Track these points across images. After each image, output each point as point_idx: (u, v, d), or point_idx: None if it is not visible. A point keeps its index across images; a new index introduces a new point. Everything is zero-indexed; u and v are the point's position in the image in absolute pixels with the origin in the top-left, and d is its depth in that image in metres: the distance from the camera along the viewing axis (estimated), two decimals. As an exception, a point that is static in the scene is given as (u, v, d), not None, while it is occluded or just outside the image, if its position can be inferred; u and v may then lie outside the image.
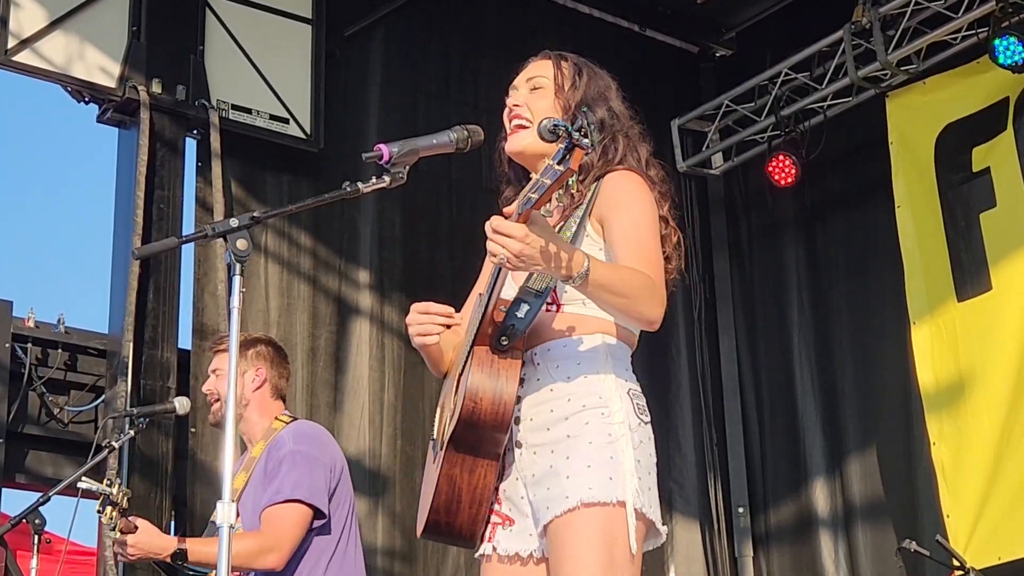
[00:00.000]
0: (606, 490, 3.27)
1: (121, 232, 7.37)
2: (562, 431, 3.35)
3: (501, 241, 3.07)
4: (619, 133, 3.57)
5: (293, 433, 5.15)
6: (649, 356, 8.91)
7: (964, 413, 7.85)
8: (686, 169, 9.51)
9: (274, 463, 5.03)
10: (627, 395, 3.41)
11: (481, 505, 3.39)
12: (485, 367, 3.29)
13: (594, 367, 3.41)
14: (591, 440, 3.32)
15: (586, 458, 3.30)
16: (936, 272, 8.15)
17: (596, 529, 3.25)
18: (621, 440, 3.33)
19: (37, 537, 5.46)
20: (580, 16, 9.35)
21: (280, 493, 4.95)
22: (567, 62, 3.64)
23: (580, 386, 3.38)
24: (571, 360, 3.41)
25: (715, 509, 9.07)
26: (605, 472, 3.29)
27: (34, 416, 7.20)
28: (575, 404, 3.37)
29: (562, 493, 3.29)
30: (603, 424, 3.34)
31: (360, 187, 3.43)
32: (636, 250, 3.35)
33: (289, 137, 7.88)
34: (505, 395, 3.28)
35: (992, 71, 7.88)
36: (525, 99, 3.59)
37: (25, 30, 7.17)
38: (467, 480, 3.36)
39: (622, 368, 3.46)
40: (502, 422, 3.29)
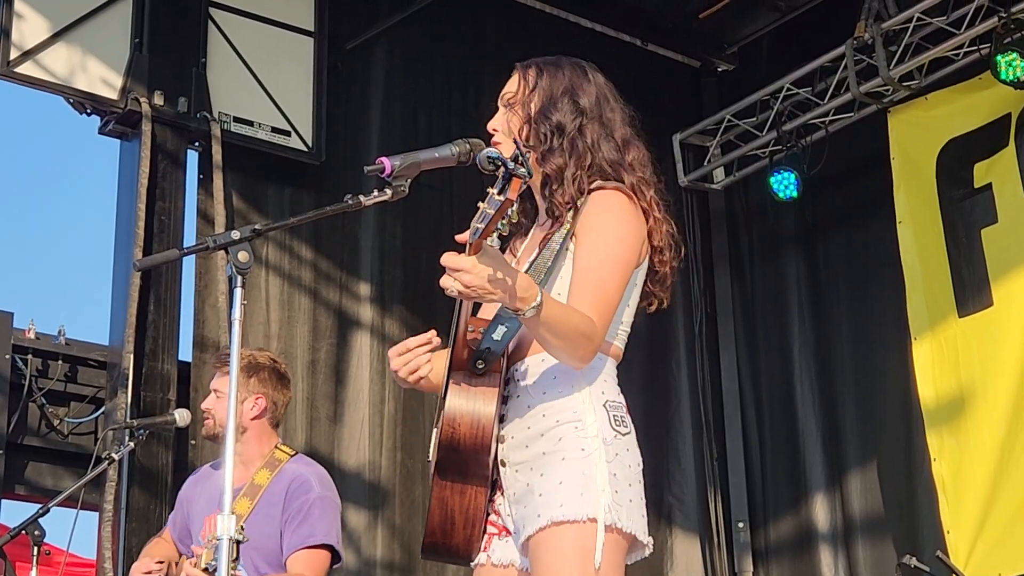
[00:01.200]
0: (576, 507, 3.26)
1: (122, 244, 7.37)
2: (538, 448, 3.35)
3: (452, 274, 3.08)
4: (587, 126, 3.52)
5: (316, 477, 5.21)
6: (650, 370, 8.92)
7: (965, 429, 7.85)
8: (687, 183, 9.51)
9: (301, 505, 5.09)
10: (603, 407, 3.38)
11: (475, 525, 3.40)
12: (462, 392, 3.30)
13: (568, 381, 3.39)
14: (564, 456, 3.32)
15: (559, 475, 3.30)
16: (937, 288, 8.15)
17: (567, 547, 3.25)
18: (595, 454, 3.31)
19: (36, 548, 5.45)
20: (582, 30, 9.35)
21: (314, 537, 5.05)
22: (531, 69, 3.59)
23: (555, 401, 3.38)
24: (547, 375, 3.40)
25: (715, 524, 9.06)
26: (576, 488, 3.28)
27: (34, 427, 7.20)
28: (550, 420, 3.36)
29: (535, 512, 3.30)
30: (576, 439, 3.33)
31: (362, 200, 3.43)
32: (592, 294, 3.31)
33: (291, 150, 7.88)
34: (483, 418, 3.29)
35: (994, 87, 7.88)
36: (499, 120, 3.58)
37: (27, 41, 7.18)
38: (458, 502, 3.38)
39: (599, 380, 3.42)
40: (482, 445, 3.30)
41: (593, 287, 3.32)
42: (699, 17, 9.51)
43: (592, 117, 3.53)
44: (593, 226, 3.39)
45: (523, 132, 3.53)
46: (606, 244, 3.38)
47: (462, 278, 3.07)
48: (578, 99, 3.54)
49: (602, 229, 3.38)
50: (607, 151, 3.51)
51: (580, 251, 3.38)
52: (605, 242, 3.38)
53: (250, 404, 5.25)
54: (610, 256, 3.37)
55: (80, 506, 5.79)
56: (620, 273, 3.39)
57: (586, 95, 3.56)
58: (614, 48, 9.47)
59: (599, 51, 9.27)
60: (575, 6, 9.29)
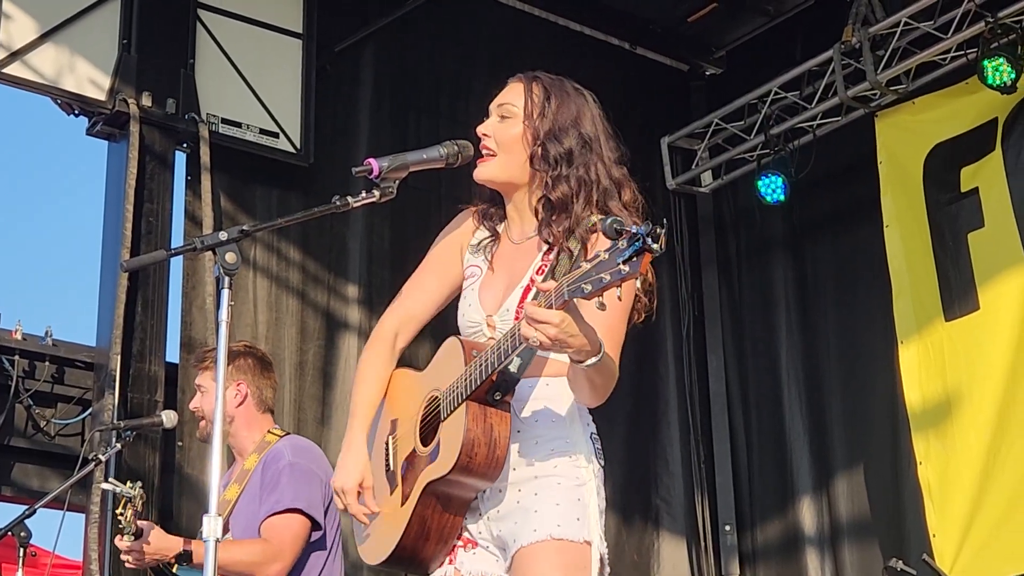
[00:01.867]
0: (573, 529, 3.33)
1: (110, 245, 7.36)
2: (529, 472, 3.39)
3: (539, 328, 3.06)
4: (591, 160, 3.52)
5: (291, 447, 5.16)
6: (638, 374, 8.93)
7: (951, 433, 7.86)
8: (675, 187, 9.52)
9: (272, 474, 5.05)
10: (590, 439, 3.46)
11: (447, 542, 3.45)
12: (480, 422, 3.31)
13: (560, 410, 3.43)
14: (560, 481, 3.37)
15: (555, 497, 3.35)
16: (924, 291, 8.16)
17: (562, 560, 3.30)
18: (588, 484, 3.39)
19: (23, 550, 5.45)
20: (571, 33, 9.36)
21: (280, 503, 4.98)
22: (538, 86, 3.59)
23: (547, 429, 3.42)
24: (538, 402, 3.43)
25: (702, 527, 9.07)
26: (573, 513, 3.34)
27: (21, 428, 7.19)
28: (543, 448, 3.40)
29: (530, 526, 3.33)
30: (572, 467, 3.39)
31: (350, 201, 3.44)
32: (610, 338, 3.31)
33: (279, 151, 7.88)
34: (499, 451, 3.31)
35: (981, 91, 7.90)
36: (493, 128, 3.56)
37: (15, 42, 7.17)
38: (438, 520, 3.42)
39: (585, 411, 3.49)
40: (492, 476, 3.33)
41: (610, 338, 3.32)
42: (687, 21, 9.52)
43: (595, 151, 3.54)
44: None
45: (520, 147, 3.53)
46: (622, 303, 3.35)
47: (547, 332, 3.06)
48: (583, 131, 3.55)
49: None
50: (607, 190, 3.52)
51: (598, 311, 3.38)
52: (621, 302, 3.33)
53: (232, 392, 5.24)
54: (622, 307, 3.39)
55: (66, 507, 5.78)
56: (624, 320, 3.43)
57: (589, 127, 3.57)
58: (603, 51, 9.48)
59: (588, 54, 9.30)
60: (564, 9, 9.30)
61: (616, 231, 2.94)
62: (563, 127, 3.53)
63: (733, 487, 9.14)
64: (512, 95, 3.59)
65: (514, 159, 3.53)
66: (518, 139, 3.53)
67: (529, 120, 3.53)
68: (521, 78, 3.63)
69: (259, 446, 5.22)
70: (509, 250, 3.59)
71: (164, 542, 4.93)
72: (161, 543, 4.92)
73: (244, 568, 4.88)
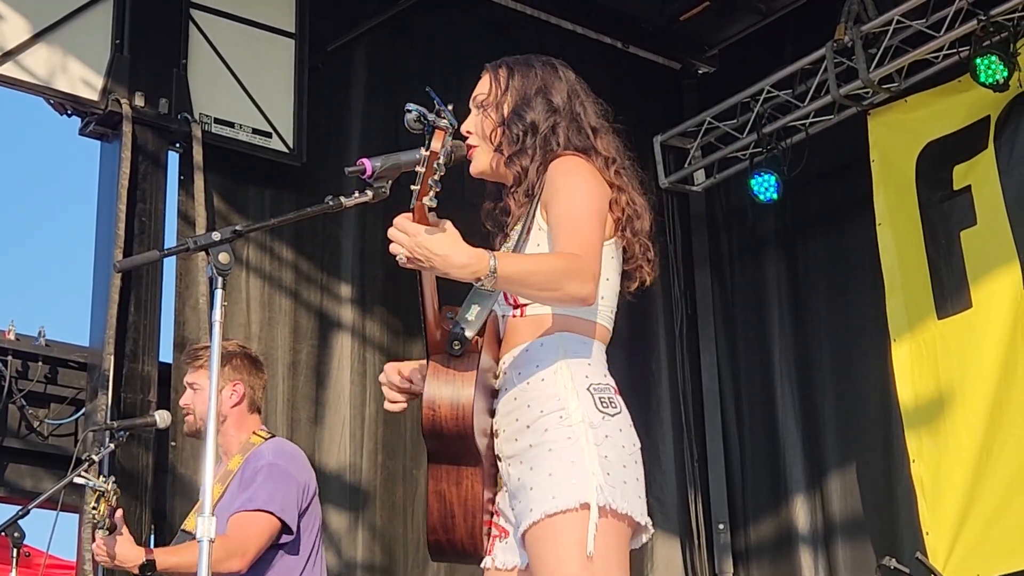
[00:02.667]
0: (569, 496, 3.24)
1: (103, 245, 7.36)
2: (526, 441, 3.34)
3: (396, 238, 3.10)
4: (561, 122, 3.52)
5: (273, 448, 5.14)
6: (629, 371, 8.93)
7: (944, 430, 7.87)
8: (668, 185, 9.52)
9: (251, 472, 5.02)
10: (586, 391, 3.35)
11: (475, 516, 3.35)
12: (440, 375, 3.28)
13: (550, 368, 3.38)
14: (550, 447, 3.30)
15: (547, 466, 3.28)
16: (916, 290, 8.17)
17: (564, 539, 3.22)
18: (581, 440, 3.29)
19: (16, 550, 5.44)
20: (563, 32, 9.37)
21: (252, 502, 4.94)
22: (502, 69, 3.61)
23: (538, 390, 3.36)
24: (529, 364, 3.39)
25: (695, 525, 9.08)
26: (566, 478, 3.26)
27: (14, 429, 7.18)
28: (534, 410, 3.35)
29: (527, 506, 3.28)
30: (561, 428, 3.31)
31: (343, 201, 3.44)
32: (567, 231, 3.30)
33: (272, 151, 7.88)
34: (462, 399, 3.26)
35: (973, 89, 7.91)
36: (473, 122, 3.59)
37: (8, 42, 7.17)
38: (455, 493, 3.34)
39: (583, 363, 3.40)
40: (463, 426, 3.26)
41: (569, 231, 3.31)
42: (680, 19, 9.53)
43: (564, 115, 3.53)
44: (556, 188, 3.39)
45: (496, 134, 3.55)
46: (574, 196, 3.37)
47: (404, 242, 3.09)
48: (551, 97, 3.55)
49: (566, 187, 3.38)
50: (576, 140, 3.52)
51: (551, 215, 3.38)
52: (570, 197, 3.37)
53: (228, 392, 5.22)
54: (578, 204, 3.36)
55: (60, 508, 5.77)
56: (594, 216, 3.37)
57: (558, 93, 3.56)
58: (595, 50, 9.48)
59: (580, 53, 9.29)
60: (556, 8, 9.31)
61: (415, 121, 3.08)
62: (528, 99, 3.54)
63: (726, 485, 9.15)
64: (481, 85, 3.63)
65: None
66: (492, 124, 3.57)
67: (496, 104, 3.56)
68: (486, 67, 3.66)
69: (244, 447, 5.19)
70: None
71: (127, 550, 4.90)
72: (123, 551, 4.89)
73: None
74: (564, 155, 3.47)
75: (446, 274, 3.14)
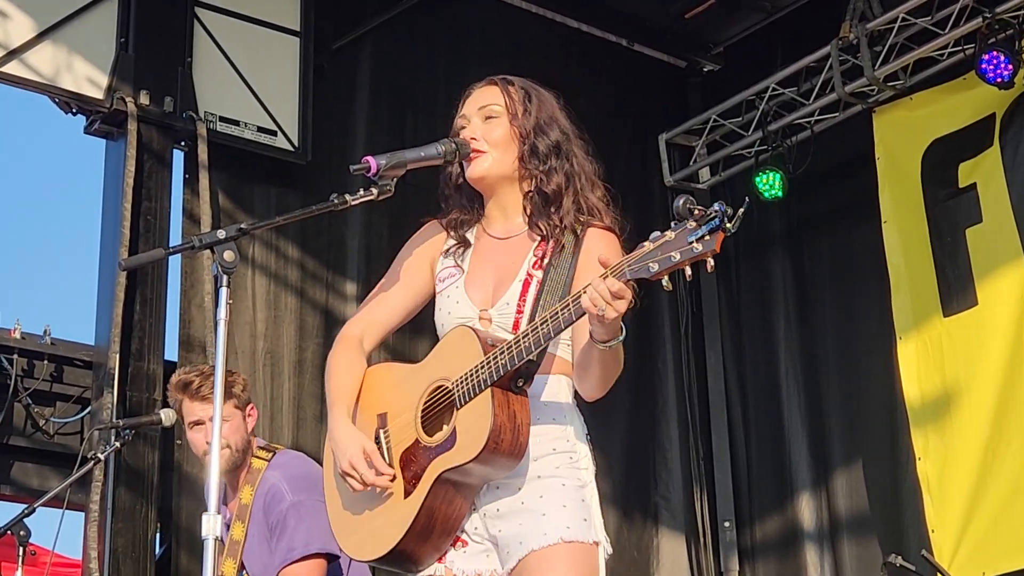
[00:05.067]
0: (582, 530, 3.37)
1: (108, 243, 7.36)
2: (532, 471, 3.41)
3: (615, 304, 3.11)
4: (573, 152, 3.61)
5: (286, 479, 5.10)
6: (636, 370, 8.93)
7: (949, 428, 7.86)
8: (673, 183, 9.52)
9: (277, 518, 5.00)
10: (586, 440, 3.51)
11: (449, 535, 3.44)
12: (505, 408, 3.31)
13: (560, 410, 3.48)
14: (564, 483, 3.41)
15: (561, 499, 3.38)
16: (922, 287, 8.16)
17: (577, 563, 3.34)
18: (589, 486, 3.45)
19: (22, 549, 5.45)
20: (568, 30, 9.36)
21: (294, 551, 4.94)
22: (514, 87, 3.66)
23: (547, 429, 3.44)
24: (536, 401, 3.43)
25: (701, 523, 9.07)
26: (579, 514, 3.39)
27: (20, 427, 7.19)
28: (544, 446, 3.43)
29: (539, 530, 3.35)
30: (573, 469, 3.44)
31: (348, 199, 3.44)
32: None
33: (277, 149, 7.87)
34: (522, 438, 3.33)
35: (978, 87, 7.90)
36: (481, 129, 3.60)
37: (13, 41, 7.17)
38: (444, 511, 3.41)
39: (578, 412, 3.54)
40: (514, 463, 3.34)
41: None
42: (685, 17, 9.51)
43: (574, 143, 3.64)
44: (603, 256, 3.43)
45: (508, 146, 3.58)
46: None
47: (620, 307, 3.12)
48: (561, 125, 3.64)
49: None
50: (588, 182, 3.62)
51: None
52: None
53: (247, 415, 5.23)
54: None
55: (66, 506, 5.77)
56: None
57: (564, 122, 3.66)
58: (600, 48, 9.48)
59: (585, 51, 9.30)
60: (561, 6, 9.30)
61: (689, 210, 3.02)
62: (547, 122, 3.61)
63: (732, 483, 9.14)
64: (490, 96, 3.65)
65: (507, 156, 3.59)
66: (507, 137, 3.59)
67: (515, 118, 3.60)
68: (494, 81, 3.70)
69: (249, 474, 5.16)
70: (492, 247, 3.63)
71: None
72: None
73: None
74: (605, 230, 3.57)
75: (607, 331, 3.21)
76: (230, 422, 5.16)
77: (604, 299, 3.10)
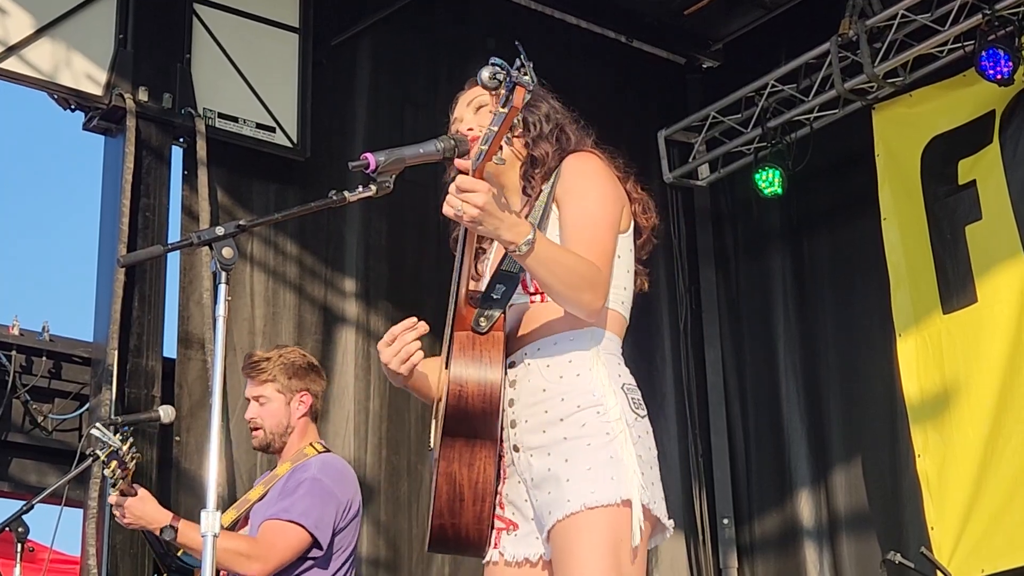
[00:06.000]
0: (608, 491, 3.26)
1: (106, 240, 7.35)
2: (559, 433, 3.34)
3: (463, 197, 3.09)
4: (565, 123, 3.61)
5: (321, 463, 5.14)
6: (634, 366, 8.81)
7: (949, 425, 7.86)
8: (672, 180, 9.52)
9: (293, 483, 5.03)
10: (621, 390, 3.40)
11: (485, 500, 3.35)
12: (467, 352, 3.29)
13: (585, 364, 3.40)
14: (589, 442, 3.31)
15: (586, 460, 3.29)
16: (922, 284, 8.17)
17: (601, 532, 3.24)
18: (619, 437, 3.32)
19: (20, 545, 5.45)
20: (567, 26, 9.35)
21: (287, 512, 4.95)
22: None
23: (572, 385, 3.37)
24: (562, 358, 3.40)
25: (700, 520, 9.07)
26: (606, 473, 3.28)
27: (18, 424, 7.19)
28: (569, 404, 3.35)
29: (563, 497, 3.27)
30: (600, 423, 3.33)
31: (346, 196, 3.43)
32: (585, 238, 3.36)
33: (275, 146, 7.87)
34: (490, 377, 3.28)
35: (978, 84, 7.90)
36: (474, 120, 3.60)
37: (11, 37, 7.16)
38: (467, 475, 3.33)
39: (614, 361, 3.45)
40: (491, 404, 3.28)
41: (588, 238, 3.36)
42: (684, 14, 9.51)
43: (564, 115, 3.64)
44: (574, 188, 3.42)
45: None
46: (591, 203, 3.42)
47: (475, 199, 3.09)
48: (549, 103, 3.64)
49: (584, 190, 3.43)
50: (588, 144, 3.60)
51: (566, 213, 3.43)
52: (589, 201, 3.43)
53: (296, 403, 5.24)
54: (597, 213, 3.42)
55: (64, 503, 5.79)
56: (610, 227, 3.43)
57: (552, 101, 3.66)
58: (599, 45, 9.47)
59: (584, 48, 9.30)
60: (560, 2, 9.29)
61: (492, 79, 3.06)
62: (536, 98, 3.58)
63: (731, 480, 9.14)
64: (475, 92, 3.65)
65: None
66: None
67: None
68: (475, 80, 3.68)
69: (296, 455, 5.20)
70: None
71: (153, 512, 4.89)
72: (147, 511, 4.88)
73: (223, 556, 4.80)
74: (582, 151, 3.53)
75: (491, 232, 3.17)
76: (266, 405, 5.21)
77: (457, 200, 3.09)
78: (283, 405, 5.24)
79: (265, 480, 5.24)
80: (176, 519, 4.89)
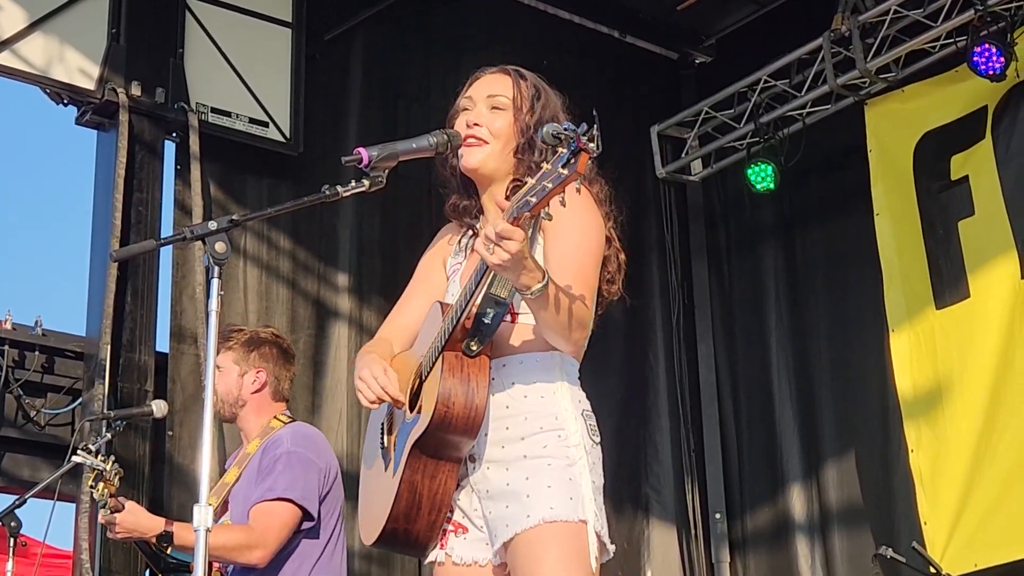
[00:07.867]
0: (567, 510, 3.33)
1: (99, 234, 7.35)
2: (518, 450, 3.40)
3: (503, 244, 3.10)
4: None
5: (291, 434, 5.15)
6: (627, 362, 8.93)
7: (942, 420, 7.87)
8: (665, 176, 9.51)
9: (269, 460, 5.03)
10: (581, 416, 3.47)
11: (440, 511, 3.44)
12: (456, 372, 3.32)
13: (550, 388, 3.45)
14: (550, 462, 3.38)
15: (547, 479, 3.36)
16: (914, 280, 8.17)
17: (563, 542, 3.31)
18: (579, 463, 3.40)
19: (13, 540, 5.45)
20: (560, 22, 9.35)
21: (272, 491, 4.96)
22: (526, 83, 3.65)
23: (536, 406, 3.43)
24: (528, 378, 3.44)
25: (692, 515, 9.08)
26: (565, 493, 3.35)
27: (11, 418, 7.18)
28: (532, 425, 3.42)
29: (523, 512, 3.34)
30: (560, 447, 3.40)
31: (339, 191, 3.43)
32: (574, 276, 3.38)
33: (268, 140, 7.87)
34: (477, 400, 3.32)
35: (970, 79, 7.91)
36: (486, 118, 3.59)
37: (4, 31, 7.16)
38: (428, 486, 3.41)
39: (575, 386, 3.52)
40: (473, 427, 3.33)
41: (575, 273, 3.38)
42: (677, 9, 9.52)
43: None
44: (567, 222, 3.41)
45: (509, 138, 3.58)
46: (578, 237, 3.45)
47: (510, 247, 3.10)
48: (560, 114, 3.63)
49: (571, 224, 3.43)
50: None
51: (555, 245, 3.44)
52: (577, 236, 3.45)
53: (251, 378, 5.24)
54: (583, 249, 3.45)
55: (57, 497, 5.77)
56: (594, 264, 3.47)
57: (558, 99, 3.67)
58: (592, 40, 9.48)
59: (577, 43, 9.30)
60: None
61: (554, 136, 3.03)
62: (548, 121, 3.55)
63: (723, 475, 9.15)
64: (500, 87, 3.63)
65: (505, 149, 3.59)
66: (509, 130, 3.58)
67: (519, 113, 3.59)
68: (507, 71, 3.69)
69: (263, 431, 5.20)
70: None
71: (145, 521, 4.92)
72: (141, 522, 4.91)
73: (224, 552, 4.86)
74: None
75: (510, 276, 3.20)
76: (221, 372, 5.21)
77: (494, 241, 3.09)
78: (236, 376, 5.23)
79: (238, 460, 5.22)
80: (169, 524, 4.91)
